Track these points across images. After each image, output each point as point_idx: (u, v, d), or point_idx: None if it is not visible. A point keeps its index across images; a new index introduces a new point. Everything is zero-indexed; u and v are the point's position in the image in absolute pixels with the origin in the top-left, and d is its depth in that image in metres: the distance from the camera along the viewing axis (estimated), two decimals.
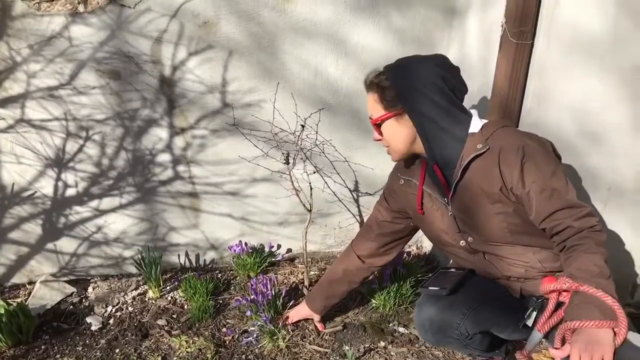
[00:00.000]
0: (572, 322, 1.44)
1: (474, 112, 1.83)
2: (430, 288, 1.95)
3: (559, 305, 1.59)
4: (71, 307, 2.59)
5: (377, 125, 1.86)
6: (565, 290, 1.55)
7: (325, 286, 2.33)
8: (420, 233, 2.19)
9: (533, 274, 1.83)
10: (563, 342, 1.49)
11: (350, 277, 2.26)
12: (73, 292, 2.67)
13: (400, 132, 1.83)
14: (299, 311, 2.41)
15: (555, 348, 1.50)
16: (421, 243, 3.05)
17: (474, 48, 2.44)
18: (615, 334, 1.41)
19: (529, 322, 1.75)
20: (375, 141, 1.93)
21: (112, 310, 2.58)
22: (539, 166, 1.67)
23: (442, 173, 1.82)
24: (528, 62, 2.10)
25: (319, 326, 2.40)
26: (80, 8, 2.29)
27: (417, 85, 1.75)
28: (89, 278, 2.77)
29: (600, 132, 2.21)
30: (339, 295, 2.33)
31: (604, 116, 2.18)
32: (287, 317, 2.40)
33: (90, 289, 2.71)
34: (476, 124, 1.79)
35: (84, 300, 2.65)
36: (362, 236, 2.23)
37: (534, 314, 1.76)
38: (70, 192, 2.57)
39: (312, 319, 2.42)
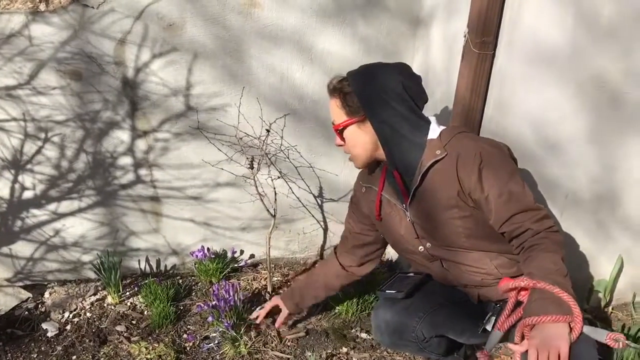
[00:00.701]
0: (530, 318, 1.47)
1: (432, 118, 1.86)
2: (387, 291, 1.97)
3: (518, 304, 1.62)
4: (26, 312, 2.52)
5: (339, 132, 1.87)
6: (523, 289, 1.58)
7: (304, 287, 2.33)
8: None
9: (489, 281, 1.86)
10: (522, 338, 1.52)
11: (330, 281, 2.27)
12: (28, 298, 2.60)
13: (361, 139, 1.85)
14: (269, 303, 2.39)
15: (514, 344, 1.53)
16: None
17: (438, 57, 2.47)
18: (571, 329, 1.44)
19: (488, 327, 1.78)
20: (337, 146, 1.94)
21: (69, 316, 2.52)
22: (496, 171, 1.70)
23: (401, 179, 1.85)
24: (489, 71, 2.14)
25: (278, 323, 2.37)
26: (42, 7, 2.24)
27: (378, 92, 1.78)
28: (45, 283, 2.70)
29: (558, 142, 2.27)
30: (315, 298, 2.33)
31: (562, 126, 2.23)
32: (258, 317, 2.39)
33: (46, 294, 2.64)
34: (435, 131, 1.82)
35: (40, 305, 2.58)
36: (341, 246, 2.25)
37: (493, 318, 1.78)
38: (28, 194, 2.50)
39: (276, 317, 2.39)
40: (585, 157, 2.31)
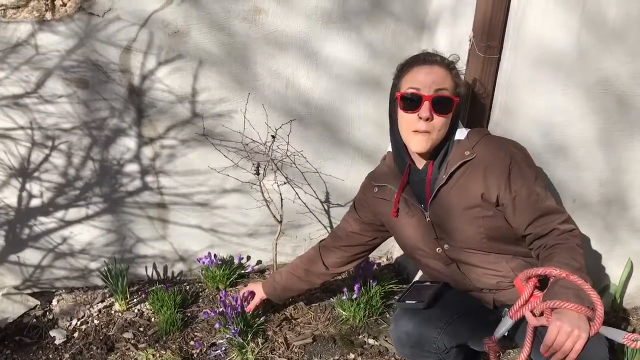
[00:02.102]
0: (553, 301, 1.47)
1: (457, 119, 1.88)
2: (407, 302, 1.94)
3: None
4: (34, 320, 2.52)
5: (446, 103, 1.77)
6: (542, 280, 1.57)
7: (285, 278, 2.35)
8: (390, 244, 2.20)
9: (505, 284, 1.85)
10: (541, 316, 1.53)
11: (311, 278, 2.30)
12: (37, 305, 2.60)
13: (448, 121, 1.81)
14: (252, 287, 2.44)
15: (533, 314, 1.53)
16: (391, 254, 3.06)
17: None
18: (590, 325, 1.44)
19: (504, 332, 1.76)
20: (422, 119, 1.76)
21: (77, 324, 2.53)
22: (524, 172, 1.74)
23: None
24: (495, 75, 2.14)
25: (252, 305, 2.41)
26: (48, 16, 2.25)
27: None
28: (53, 290, 2.70)
29: (565, 145, 2.25)
30: (296, 290, 2.39)
31: (569, 130, 2.22)
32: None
33: (54, 302, 2.64)
34: (462, 131, 1.85)
35: (47, 313, 2.58)
36: (330, 244, 2.24)
37: (509, 321, 1.77)
38: (35, 202, 2.51)
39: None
40: (593, 160, 2.30)
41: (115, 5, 2.27)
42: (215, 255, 2.79)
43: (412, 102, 1.76)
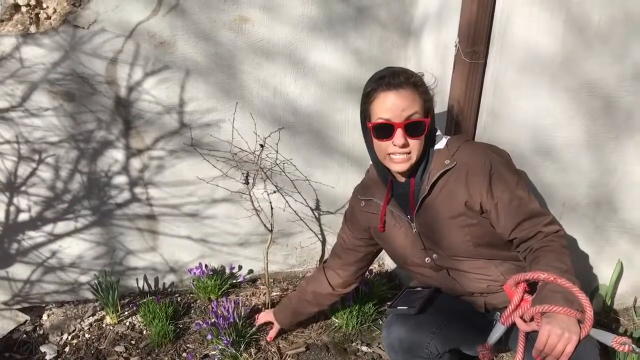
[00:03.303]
0: (542, 306, 1.47)
1: (437, 128, 1.87)
2: (398, 308, 1.94)
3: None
4: (24, 336, 2.50)
5: (418, 126, 1.74)
6: (531, 284, 1.57)
7: (295, 303, 2.34)
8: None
9: (495, 288, 1.86)
10: (532, 322, 1.53)
11: (320, 300, 2.27)
12: (26, 320, 2.58)
13: (422, 142, 1.78)
14: (265, 317, 2.45)
15: (523, 320, 1.53)
16: (383, 261, 3.06)
17: (430, 67, 2.47)
18: (580, 327, 1.44)
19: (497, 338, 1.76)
20: (397, 146, 1.73)
21: (67, 338, 2.50)
22: (505, 177, 1.73)
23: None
24: (482, 80, 2.14)
25: (272, 334, 2.41)
26: (32, 29, 2.24)
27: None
28: (43, 305, 2.68)
29: (553, 148, 2.26)
30: (306, 314, 2.36)
31: (556, 133, 2.23)
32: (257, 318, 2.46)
33: (44, 317, 2.62)
34: (441, 140, 1.84)
35: (38, 328, 2.56)
36: (332, 265, 2.23)
37: (502, 327, 1.77)
38: (23, 216, 2.49)
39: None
40: (581, 162, 2.31)
41: (100, 17, 2.26)
42: (206, 266, 2.78)
43: (384, 131, 1.74)
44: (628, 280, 2.58)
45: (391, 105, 1.71)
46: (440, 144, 1.83)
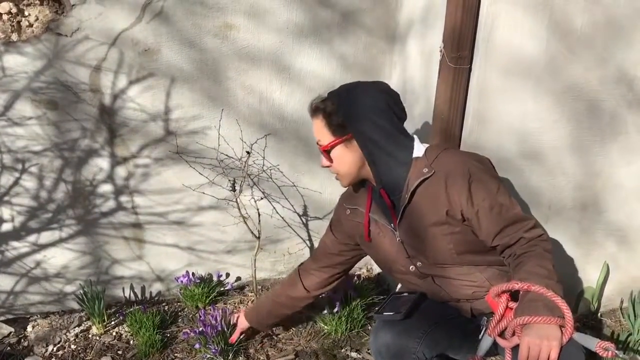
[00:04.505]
0: (521, 318, 1.47)
1: (414, 136, 1.86)
2: (384, 313, 1.93)
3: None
4: (8, 348, 2.46)
5: (327, 152, 1.86)
6: (514, 291, 1.58)
7: (267, 305, 2.33)
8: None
9: (481, 294, 1.85)
10: (513, 336, 1.52)
11: (294, 303, 2.27)
12: (10, 332, 2.54)
13: (349, 158, 1.84)
14: (238, 324, 2.41)
15: (504, 339, 1.53)
16: (371, 266, 3.05)
17: (415, 72, 2.48)
18: (562, 332, 1.44)
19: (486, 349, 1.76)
20: (323, 167, 1.92)
21: (53, 349, 2.47)
22: (485, 185, 1.72)
23: (389, 198, 1.84)
24: (467, 85, 2.15)
25: (233, 337, 2.37)
26: (14, 37, 2.22)
27: (363, 110, 1.78)
28: (28, 316, 2.64)
29: (539, 152, 2.28)
30: (279, 316, 2.35)
31: (541, 136, 2.25)
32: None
33: (29, 328, 2.58)
34: (419, 148, 1.83)
35: (22, 340, 2.52)
36: (310, 267, 2.22)
37: (489, 339, 1.77)
38: (6, 227, 2.46)
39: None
40: (567, 165, 2.33)
41: (83, 25, 2.24)
42: (193, 274, 2.75)
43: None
44: (614, 282, 2.60)
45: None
46: (419, 152, 1.82)
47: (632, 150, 2.36)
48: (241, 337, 2.39)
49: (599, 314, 2.62)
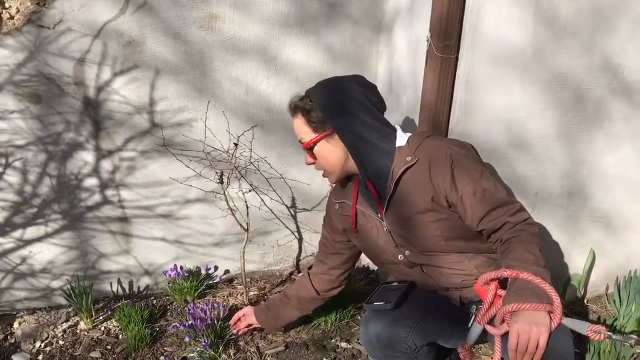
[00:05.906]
0: (510, 305, 1.48)
1: (397, 126, 1.88)
2: (374, 303, 1.94)
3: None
4: None
5: (310, 149, 1.87)
6: (503, 278, 1.59)
7: (278, 307, 2.33)
8: None
9: (470, 282, 1.87)
10: (502, 324, 1.53)
11: (304, 304, 2.28)
12: None
13: (332, 153, 1.86)
14: (246, 318, 2.39)
15: (493, 327, 1.54)
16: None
17: (402, 62, 2.48)
18: (551, 318, 1.45)
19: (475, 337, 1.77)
20: (308, 165, 1.94)
21: (41, 346, 2.44)
22: (468, 170, 1.74)
23: (375, 188, 1.85)
24: (454, 74, 2.15)
25: (242, 331, 2.39)
26: None
27: (342, 104, 1.80)
28: (14, 313, 2.61)
29: (526, 140, 2.29)
30: (289, 318, 2.35)
31: (529, 125, 2.26)
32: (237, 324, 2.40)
33: (16, 325, 2.55)
34: (402, 138, 1.85)
35: (9, 337, 2.49)
36: (317, 270, 2.23)
37: (479, 327, 1.78)
38: None
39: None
40: (553, 153, 2.35)
41: (66, 17, 2.20)
42: (181, 267, 2.74)
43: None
44: (600, 269, 2.63)
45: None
46: (402, 141, 1.84)
47: (616, 138, 2.38)
48: (227, 322, 2.40)
49: (585, 300, 2.65)
